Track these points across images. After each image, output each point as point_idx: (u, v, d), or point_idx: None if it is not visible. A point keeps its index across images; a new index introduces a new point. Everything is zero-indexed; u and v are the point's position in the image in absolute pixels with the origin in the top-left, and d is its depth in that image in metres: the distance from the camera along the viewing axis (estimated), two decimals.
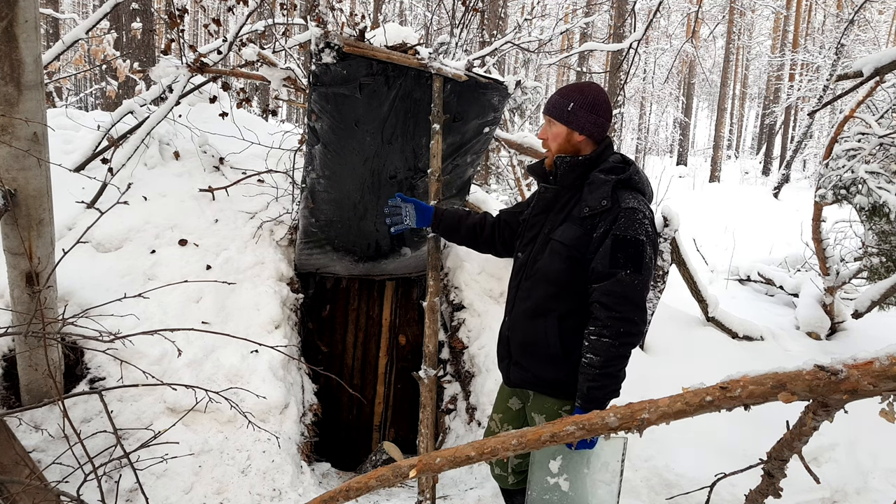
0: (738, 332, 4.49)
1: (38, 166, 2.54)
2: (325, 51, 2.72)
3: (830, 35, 22.44)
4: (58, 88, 9.76)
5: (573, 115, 2.17)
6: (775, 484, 1.55)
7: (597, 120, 2.17)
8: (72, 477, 2.50)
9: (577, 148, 2.20)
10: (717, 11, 24.93)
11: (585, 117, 2.16)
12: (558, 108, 2.19)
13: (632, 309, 1.99)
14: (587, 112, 2.16)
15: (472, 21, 6.19)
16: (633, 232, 2.00)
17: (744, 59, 32.30)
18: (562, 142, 2.20)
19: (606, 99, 2.21)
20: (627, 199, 2.06)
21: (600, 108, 2.18)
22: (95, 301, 3.02)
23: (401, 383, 4.53)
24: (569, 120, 2.17)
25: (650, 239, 2.04)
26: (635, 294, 1.99)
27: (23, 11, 2.34)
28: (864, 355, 1.26)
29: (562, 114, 2.18)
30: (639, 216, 2.03)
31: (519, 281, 2.31)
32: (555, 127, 2.21)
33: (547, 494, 2.27)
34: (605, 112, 2.19)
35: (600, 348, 1.99)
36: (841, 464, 3.36)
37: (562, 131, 2.20)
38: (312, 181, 3.33)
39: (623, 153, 2.27)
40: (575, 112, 2.16)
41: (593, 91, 2.20)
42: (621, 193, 2.08)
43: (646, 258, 2.01)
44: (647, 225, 2.03)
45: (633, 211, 2.03)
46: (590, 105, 2.17)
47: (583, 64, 20.76)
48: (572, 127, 2.18)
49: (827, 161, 5.03)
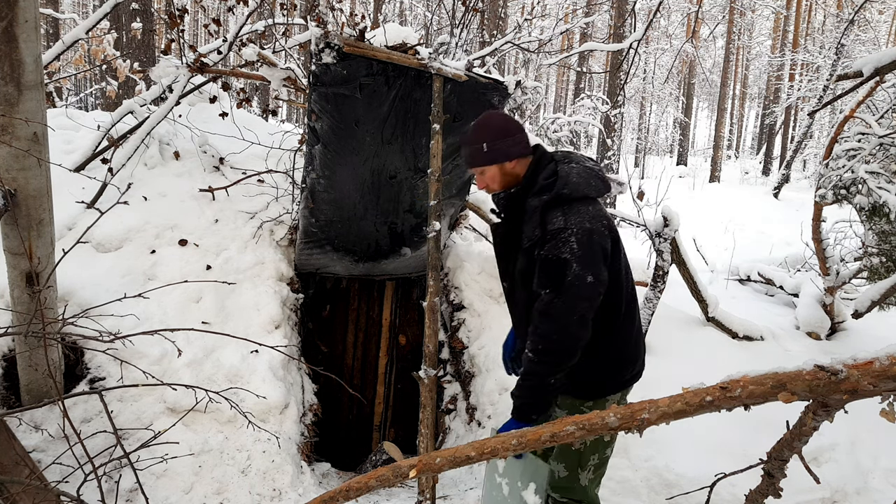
0: (738, 332, 4.49)
1: (38, 166, 2.54)
2: (325, 51, 2.72)
3: (830, 35, 22.43)
4: (58, 88, 9.76)
5: (493, 152, 2.17)
6: (775, 484, 1.55)
7: (513, 139, 2.18)
8: (72, 477, 2.50)
9: (517, 174, 2.22)
10: (717, 11, 24.93)
11: (502, 145, 2.17)
12: (476, 155, 2.20)
13: (550, 327, 2.01)
14: (502, 140, 2.17)
15: (472, 21, 6.19)
16: (555, 252, 2.02)
17: (744, 59, 32.30)
18: (500, 179, 2.22)
19: (505, 117, 2.23)
20: (554, 220, 2.06)
21: (507, 128, 2.19)
22: (95, 301, 3.02)
23: (401, 383, 4.53)
24: (492, 158, 2.18)
25: (576, 254, 2.00)
26: (554, 312, 2.01)
27: (23, 11, 2.34)
28: (864, 355, 1.26)
29: (482, 158, 2.19)
30: (563, 235, 2.02)
31: (510, 307, 2.39)
32: (487, 171, 2.23)
33: (494, 491, 2.38)
34: (514, 129, 2.20)
35: (524, 361, 2.07)
36: (841, 464, 3.36)
37: (494, 171, 2.21)
38: (312, 181, 3.33)
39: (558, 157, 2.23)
40: (491, 147, 2.17)
41: (495, 119, 2.21)
42: (548, 216, 2.09)
43: (568, 276, 2.00)
44: (572, 242, 2.01)
45: (558, 231, 2.03)
46: (497, 132, 2.17)
47: (583, 64, 20.77)
48: (499, 161, 2.19)
49: (827, 161, 5.03)
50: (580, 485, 2.28)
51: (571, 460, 2.26)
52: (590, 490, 2.32)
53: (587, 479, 2.28)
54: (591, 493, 2.33)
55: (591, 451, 2.25)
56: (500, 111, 2.28)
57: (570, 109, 15.00)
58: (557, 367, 2.03)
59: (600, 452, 2.27)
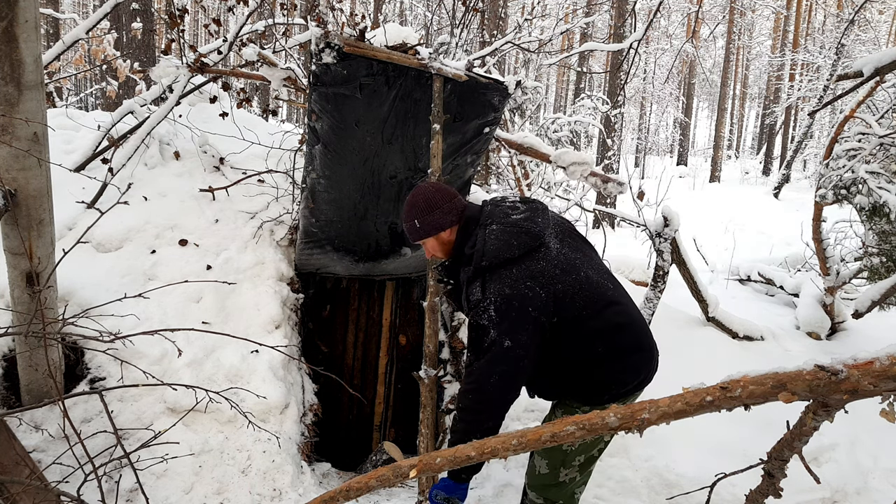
0: (739, 332, 4.49)
1: (39, 166, 2.54)
2: (325, 51, 2.72)
3: (830, 35, 22.43)
4: (58, 88, 9.76)
5: (425, 226, 2.26)
6: (775, 484, 1.55)
7: (440, 211, 2.25)
8: (72, 477, 2.50)
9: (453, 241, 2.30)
10: (717, 11, 24.92)
11: (431, 219, 2.25)
12: (413, 232, 2.31)
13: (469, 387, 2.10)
14: (429, 214, 2.25)
15: (472, 21, 6.19)
16: (476, 319, 2.09)
17: (744, 59, 32.30)
18: (441, 248, 2.32)
19: (432, 190, 2.29)
20: (474, 291, 2.14)
21: (435, 200, 2.26)
22: (95, 301, 3.02)
23: (401, 383, 4.53)
24: (427, 231, 2.27)
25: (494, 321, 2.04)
26: (474, 374, 2.09)
27: (23, 11, 2.34)
28: (865, 355, 1.26)
29: (417, 233, 2.29)
30: (483, 304, 2.08)
31: None
32: (427, 244, 2.33)
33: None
34: (441, 200, 2.26)
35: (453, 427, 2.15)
36: (841, 464, 3.36)
37: (433, 243, 2.31)
38: (312, 181, 3.33)
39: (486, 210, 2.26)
40: (423, 223, 2.26)
41: (420, 194, 2.28)
42: (470, 288, 2.17)
43: (486, 342, 2.06)
44: (490, 310, 2.05)
45: (477, 303, 2.11)
46: (426, 207, 2.26)
47: (583, 64, 20.76)
48: (433, 233, 2.27)
49: (827, 161, 5.03)
50: (558, 482, 2.28)
51: (555, 458, 2.26)
52: (568, 489, 2.31)
53: (567, 478, 2.28)
54: (569, 492, 2.33)
55: (578, 452, 2.24)
56: (427, 183, 2.36)
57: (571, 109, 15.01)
58: (477, 424, 2.08)
59: (587, 452, 2.26)
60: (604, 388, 2.18)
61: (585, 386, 2.19)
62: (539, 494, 2.34)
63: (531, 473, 2.37)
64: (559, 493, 2.31)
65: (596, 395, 2.20)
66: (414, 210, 2.27)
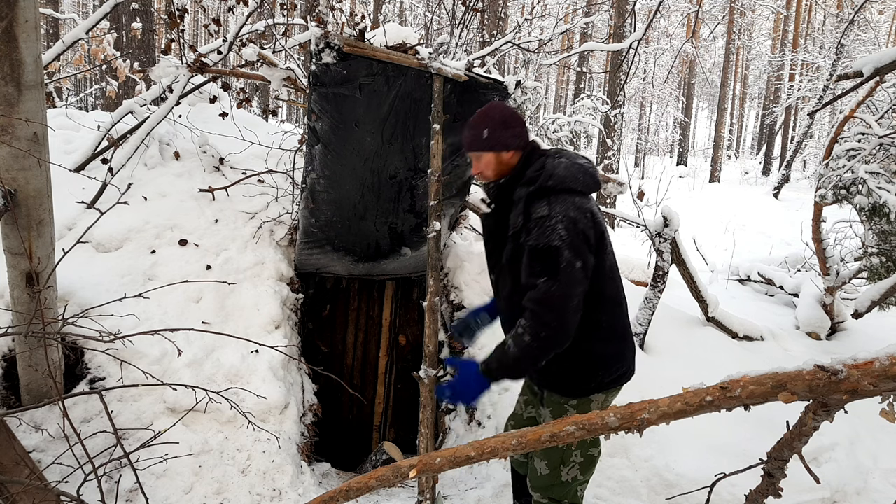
0: (739, 332, 4.50)
1: (38, 166, 2.54)
2: (325, 51, 2.72)
3: (830, 35, 22.44)
4: (58, 88, 9.76)
5: (492, 139, 2.23)
6: (775, 484, 1.55)
7: (513, 132, 2.25)
8: (72, 477, 2.50)
9: (511, 165, 2.28)
10: (717, 11, 24.93)
11: (502, 134, 2.23)
12: (476, 141, 2.26)
13: (550, 315, 2.03)
14: (503, 129, 2.23)
15: (472, 21, 6.19)
16: (544, 240, 2.04)
17: (744, 59, 32.29)
18: (495, 166, 2.28)
19: (512, 110, 2.29)
20: (539, 208, 2.10)
21: (511, 120, 2.26)
22: (95, 301, 3.02)
23: (401, 383, 4.53)
24: (490, 145, 2.24)
25: (567, 241, 2.04)
26: (553, 300, 2.03)
27: (23, 11, 2.34)
28: (864, 355, 1.26)
29: (481, 143, 2.25)
30: (550, 223, 2.05)
31: (498, 301, 2.44)
32: (483, 157, 2.28)
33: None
34: (517, 122, 2.27)
35: (520, 344, 2.06)
36: (841, 464, 3.36)
37: (490, 158, 2.27)
38: (312, 181, 3.33)
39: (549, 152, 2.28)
40: (492, 135, 2.23)
41: (498, 110, 2.28)
42: (533, 205, 2.13)
43: (562, 262, 2.03)
44: (559, 229, 2.04)
45: (543, 219, 2.07)
46: (501, 122, 2.24)
47: (583, 64, 20.76)
48: (497, 149, 2.25)
49: (827, 161, 5.03)
50: (561, 481, 2.29)
51: (554, 458, 2.28)
52: (572, 488, 2.32)
53: (570, 477, 2.29)
54: (573, 491, 2.33)
55: (574, 449, 2.26)
56: (503, 104, 2.34)
57: (570, 109, 15.00)
58: (552, 351, 2.07)
59: (584, 450, 2.27)
60: (590, 369, 2.21)
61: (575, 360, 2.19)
62: (543, 495, 2.34)
63: (533, 476, 2.37)
64: (563, 492, 2.32)
65: (583, 377, 2.21)
66: (487, 120, 2.23)
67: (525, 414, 2.57)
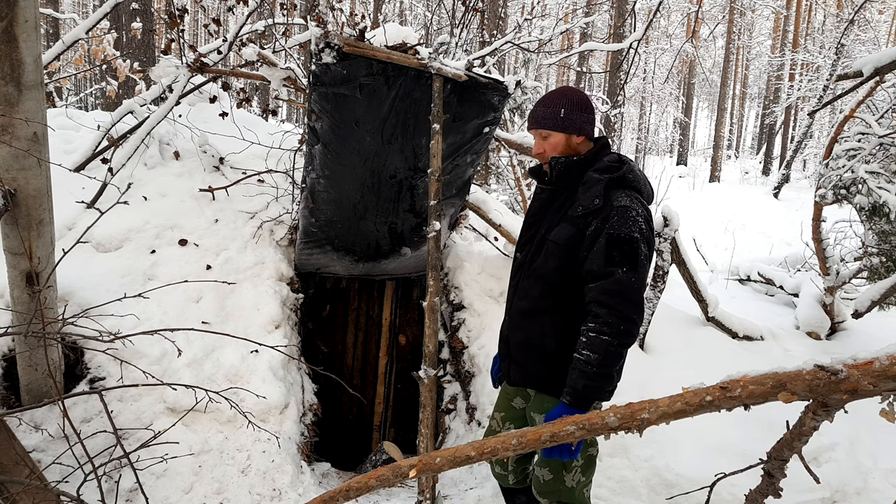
0: (739, 332, 4.49)
1: (38, 166, 2.54)
2: (325, 51, 2.72)
3: (830, 35, 22.43)
4: (58, 88, 9.76)
5: (567, 120, 2.19)
6: (775, 484, 1.55)
7: (588, 118, 2.23)
8: (72, 477, 2.50)
9: (577, 150, 2.24)
10: (717, 11, 24.93)
11: (578, 118, 2.20)
12: (550, 118, 2.21)
13: (631, 307, 1.98)
14: (579, 112, 2.20)
15: (472, 21, 6.20)
16: (626, 230, 2.00)
17: (744, 59, 32.29)
18: (562, 149, 2.23)
19: (586, 97, 2.28)
20: (620, 197, 2.07)
21: (587, 106, 2.24)
22: (95, 301, 3.02)
23: (401, 383, 4.53)
24: (564, 125, 2.20)
25: (644, 236, 2.03)
26: (633, 292, 1.99)
27: (23, 11, 2.34)
28: (864, 355, 1.26)
29: (556, 122, 2.20)
30: (632, 214, 2.03)
31: (517, 281, 2.33)
32: (552, 137, 2.23)
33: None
34: (592, 109, 2.26)
35: (599, 346, 1.97)
36: (841, 464, 3.36)
37: (560, 139, 2.22)
38: (312, 181, 3.33)
39: (621, 153, 2.28)
40: (568, 116, 2.19)
41: (576, 93, 2.26)
42: (614, 192, 2.09)
43: (641, 255, 2.01)
44: (640, 223, 2.03)
45: (626, 209, 2.03)
46: (578, 105, 2.21)
47: (583, 64, 20.76)
48: (569, 131, 2.21)
49: (827, 161, 5.03)
50: (566, 486, 2.26)
51: (555, 463, 2.24)
52: (577, 492, 2.29)
53: (574, 481, 2.26)
54: (579, 494, 2.31)
55: None
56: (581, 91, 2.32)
57: None
58: (629, 346, 2.02)
59: (583, 452, 2.24)
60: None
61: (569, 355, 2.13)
62: (551, 501, 2.32)
63: (537, 483, 2.34)
64: (570, 496, 2.30)
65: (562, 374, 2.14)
66: (565, 101, 2.19)
67: (503, 431, 2.46)
